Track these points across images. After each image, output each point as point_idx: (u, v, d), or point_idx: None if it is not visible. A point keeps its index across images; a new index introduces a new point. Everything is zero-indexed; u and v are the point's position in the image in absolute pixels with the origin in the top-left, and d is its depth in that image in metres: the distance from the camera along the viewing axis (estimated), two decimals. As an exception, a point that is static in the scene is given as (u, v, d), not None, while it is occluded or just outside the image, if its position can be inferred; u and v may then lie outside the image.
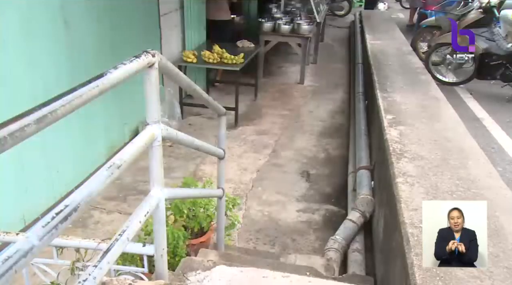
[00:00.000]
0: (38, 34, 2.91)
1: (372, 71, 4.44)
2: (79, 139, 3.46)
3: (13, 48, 2.72)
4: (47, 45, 3.01)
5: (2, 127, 0.69)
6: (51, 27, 3.03)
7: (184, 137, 1.65)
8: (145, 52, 1.22)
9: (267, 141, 4.66)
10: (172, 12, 4.93)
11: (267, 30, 6.38)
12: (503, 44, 5.88)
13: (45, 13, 2.96)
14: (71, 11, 3.19)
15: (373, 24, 7.54)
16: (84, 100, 0.91)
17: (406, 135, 2.79)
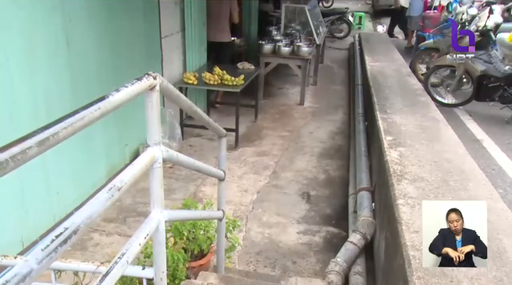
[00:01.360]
0: (40, 54, 2.94)
1: (372, 92, 4.47)
2: (79, 160, 3.45)
3: (15, 67, 2.74)
4: (49, 64, 3.04)
5: (4, 150, 0.70)
6: (53, 47, 3.06)
7: (184, 159, 1.66)
8: (146, 74, 1.23)
9: (267, 162, 4.66)
10: (173, 35, 4.99)
11: (267, 52, 6.45)
12: (500, 67, 5.94)
13: (47, 33, 2.99)
14: (74, 32, 3.23)
15: (372, 46, 7.63)
16: (86, 123, 0.92)
17: (406, 157, 2.79)
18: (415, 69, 7.44)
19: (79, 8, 3.27)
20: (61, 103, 3.12)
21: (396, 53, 7.08)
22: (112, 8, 3.68)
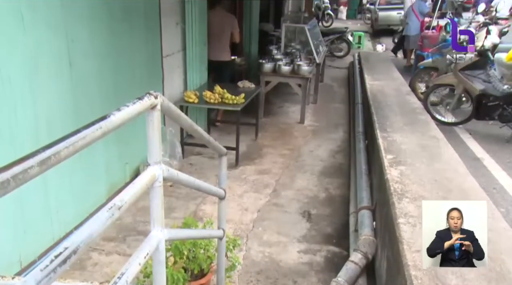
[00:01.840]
0: (43, 74, 2.96)
1: (372, 111, 4.49)
2: (79, 179, 3.45)
3: (18, 86, 2.75)
4: (51, 84, 3.06)
5: (5, 170, 0.70)
6: (56, 67, 3.09)
7: (185, 178, 1.66)
8: (148, 93, 1.24)
9: (267, 181, 4.65)
10: (174, 54, 5.05)
11: (268, 71, 6.50)
12: (499, 86, 5.98)
13: (51, 53, 3.02)
14: (76, 52, 3.26)
15: (372, 65, 7.70)
16: (87, 142, 0.92)
17: (407, 175, 2.79)
18: (415, 88, 7.49)
19: (82, 29, 3.31)
20: (63, 122, 3.14)
21: (396, 72, 7.14)
22: (114, 28, 3.73)
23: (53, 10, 2.99)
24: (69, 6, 3.13)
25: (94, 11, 3.44)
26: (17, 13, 2.68)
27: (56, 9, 3.01)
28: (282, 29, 7.56)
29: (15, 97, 2.75)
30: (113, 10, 3.69)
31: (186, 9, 5.04)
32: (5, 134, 2.68)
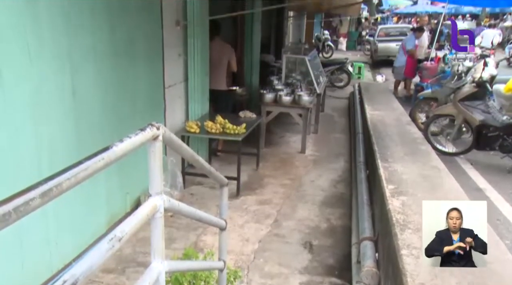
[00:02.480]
0: (46, 104, 2.99)
1: (373, 141, 4.51)
2: (79, 208, 3.43)
3: (21, 116, 2.78)
4: (54, 113, 3.08)
5: (7, 202, 0.70)
6: (59, 97, 3.12)
7: (186, 208, 1.65)
8: (150, 124, 1.26)
9: (269, 211, 4.62)
10: (176, 84, 5.11)
11: (269, 101, 6.56)
12: (498, 117, 6.02)
13: (55, 83, 3.06)
14: (80, 82, 3.31)
15: (372, 95, 7.78)
16: (89, 173, 0.93)
17: (409, 206, 2.78)
18: (415, 118, 7.53)
19: (86, 60, 3.37)
20: (65, 151, 3.15)
21: (396, 102, 7.20)
22: (117, 59, 3.79)
23: (59, 42, 3.05)
24: (74, 38, 3.19)
25: (98, 43, 3.50)
26: (24, 45, 2.74)
27: (62, 41, 3.08)
28: (283, 60, 7.67)
29: (18, 126, 2.77)
30: (117, 41, 3.76)
31: (189, 41, 5.13)
32: (7, 163, 2.68)
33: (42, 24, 2.88)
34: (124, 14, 3.82)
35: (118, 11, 3.73)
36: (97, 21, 3.46)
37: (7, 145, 2.69)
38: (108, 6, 3.57)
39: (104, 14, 3.54)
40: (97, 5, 3.43)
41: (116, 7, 3.70)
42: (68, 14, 3.10)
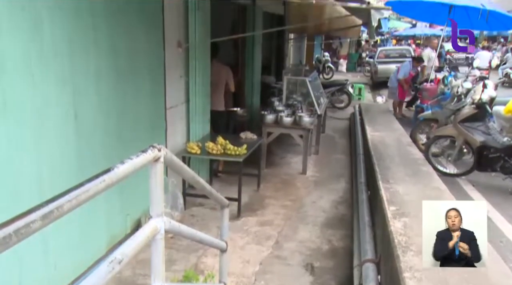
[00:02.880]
0: (48, 125, 3.01)
1: (374, 162, 4.50)
2: (79, 230, 3.41)
3: (22, 137, 2.80)
4: (56, 135, 3.10)
5: (7, 225, 0.70)
6: (61, 118, 3.14)
7: (186, 230, 1.65)
8: (151, 146, 1.26)
9: (270, 232, 4.58)
10: (178, 106, 5.14)
11: (270, 122, 6.58)
12: (499, 138, 6.02)
13: (57, 106, 3.08)
14: (82, 104, 3.33)
15: (372, 116, 7.81)
16: (90, 195, 0.93)
17: (411, 227, 2.76)
18: (416, 139, 7.54)
19: (88, 82, 3.40)
20: (66, 172, 3.15)
21: (396, 123, 7.23)
22: (120, 81, 3.83)
23: (62, 66, 3.08)
24: (77, 62, 3.23)
25: (101, 66, 3.54)
26: (28, 69, 2.77)
27: (65, 65, 3.11)
28: (283, 81, 7.72)
29: (20, 148, 2.78)
30: (119, 64, 3.80)
31: (190, 62, 5.19)
32: (8, 188, 2.68)
33: (45, 49, 2.92)
34: (126, 37, 3.88)
35: (121, 33, 3.78)
36: (100, 44, 3.50)
37: (9, 166, 2.69)
38: (110, 30, 3.62)
39: (107, 38, 3.58)
40: (100, 29, 3.48)
41: (119, 29, 3.75)
42: (71, 39, 3.15)
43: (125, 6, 3.81)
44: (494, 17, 8.76)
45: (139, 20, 4.06)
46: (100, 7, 3.46)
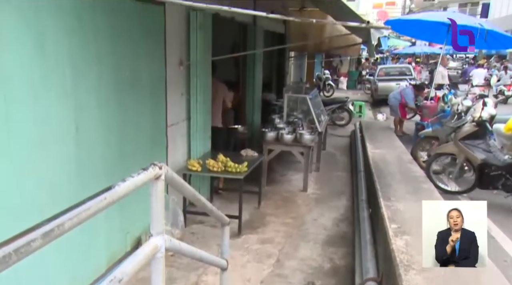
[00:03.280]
0: (49, 141, 3.02)
1: (374, 179, 4.49)
2: (78, 248, 3.38)
3: (23, 150, 2.80)
4: (56, 150, 3.10)
5: (7, 244, 0.70)
6: (63, 134, 3.15)
7: (187, 248, 1.64)
8: (152, 164, 1.27)
9: (270, 250, 4.55)
10: (179, 123, 5.16)
11: (271, 140, 6.59)
12: (500, 156, 6.01)
13: (59, 121, 3.09)
14: (84, 119, 3.35)
15: (373, 133, 7.82)
16: (91, 213, 0.93)
17: (413, 245, 2.74)
18: (416, 157, 7.53)
19: (90, 97, 3.42)
20: (67, 188, 3.14)
21: (397, 140, 7.23)
22: (121, 97, 3.85)
23: (64, 80, 3.11)
24: (80, 78, 3.26)
25: (103, 81, 3.57)
26: (30, 84, 2.79)
27: (67, 79, 3.14)
28: (284, 98, 7.76)
29: (21, 162, 2.78)
30: (120, 80, 3.83)
31: (191, 80, 5.23)
32: (8, 198, 2.68)
33: (48, 66, 2.95)
34: (128, 54, 3.91)
35: (123, 50, 3.82)
36: (102, 61, 3.54)
37: (10, 179, 2.69)
38: (112, 46, 3.66)
39: (109, 55, 3.62)
40: (102, 46, 3.52)
41: (121, 46, 3.79)
42: (74, 56, 3.18)
43: (127, 25, 3.86)
44: (493, 36, 8.84)
45: (141, 38, 4.10)
46: (103, 25, 3.50)
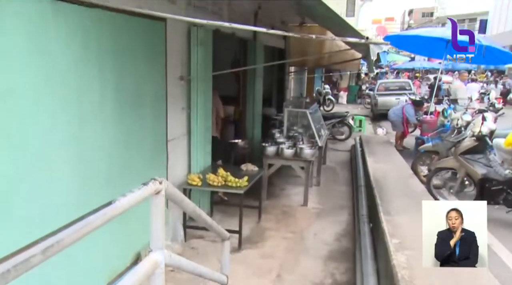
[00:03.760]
0: (52, 153, 3.02)
1: (375, 194, 4.48)
2: (76, 263, 3.35)
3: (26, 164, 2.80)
4: (59, 164, 3.10)
5: (6, 259, 0.69)
6: (65, 148, 3.16)
7: (187, 264, 1.63)
8: (153, 179, 1.27)
9: (271, 265, 4.51)
10: (179, 138, 5.17)
11: (271, 154, 6.58)
12: (500, 170, 6.00)
13: (63, 135, 3.11)
14: (85, 132, 3.36)
15: (373, 148, 7.82)
16: (92, 228, 0.93)
17: (414, 261, 2.72)
18: (417, 171, 7.52)
19: (92, 111, 3.44)
20: (69, 199, 3.14)
21: (397, 155, 7.23)
22: (122, 113, 3.86)
23: (68, 97, 3.13)
24: (83, 93, 3.29)
25: (105, 96, 3.59)
26: (35, 99, 2.82)
27: (71, 95, 3.16)
28: (284, 113, 7.78)
29: (23, 176, 2.78)
30: (122, 94, 3.84)
31: (192, 95, 5.25)
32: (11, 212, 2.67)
33: (53, 81, 2.97)
34: (130, 69, 3.94)
35: (124, 65, 3.85)
36: (105, 76, 3.56)
37: (13, 193, 2.69)
38: (115, 60, 3.68)
39: (111, 69, 3.65)
40: (104, 60, 3.54)
41: (122, 61, 3.81)
42: (77, 70, 3.21)
43: (130, 40, 3.89)
44: (491, 52, 8.92)
45: (142, 53, 4.13)
46: (106, 40, 3.53)
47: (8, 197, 2.67)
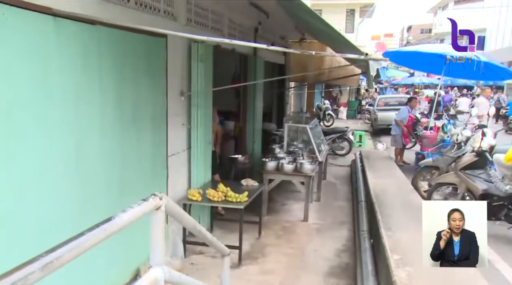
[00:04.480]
0: (51, 170, 3.02)
1: (375, 209, 4.47)
2: (75, 280, 3.31)
3: (25, 180, 2.80)
4: (58, 180, 3.10)
5: (4, 277, 0.69)
6: (64, 163, 3.16)
7: (186, 280, 1.61)
8: (153, 195, 1.27)
9: (271, 282, 4.47)
10: (179, 153, 5.17)
11: (271, 169, 6.58)
12: (501, 186, 5.98)
13: (61, 152, 3.11)
14: (85, 150, 3.36)
15: (373, 163, 7.82)
16: (91, 245, 0.92)
17: (415, 277, 2.70)
18: (417, 186, 7.51)
19: (92, 128, 3.45)
20: (67, 217, 3.12)
21: (397, 170, 7.22)
22: (123, 128, 3.87)
23: (67, 110, 3.14)
24: (82, 106, 3.30)
25: (105, 111, 3.60)
26: (32, 113, 2.82)
27: (70, 108, 3.17)
28: (284, 128, 7.80)
29: (22, 192, 2.77)
30: (123, 110, 3.86)
31: (192, 110, 5.27)
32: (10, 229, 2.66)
33: (53, 98, 2.99)
34: (130, 84, 3.96)
35: (125, 81, 3.87)
36: (105, 91, 3.58)
37: (11, 211, 2.68)
38: (115, 76, 3.71)
39: (112, 85, 3.67)
40: (105, 76, 3.56)
41: (123, 77, 3.84)
42: (77, 85, 3.23)
43: (130, 56, 3.92)
44: (489, 68, 8.98)
45: (143, 69, 4.16)
46: (107, 56, 3.56)
47: (6, 216, 2.66)
